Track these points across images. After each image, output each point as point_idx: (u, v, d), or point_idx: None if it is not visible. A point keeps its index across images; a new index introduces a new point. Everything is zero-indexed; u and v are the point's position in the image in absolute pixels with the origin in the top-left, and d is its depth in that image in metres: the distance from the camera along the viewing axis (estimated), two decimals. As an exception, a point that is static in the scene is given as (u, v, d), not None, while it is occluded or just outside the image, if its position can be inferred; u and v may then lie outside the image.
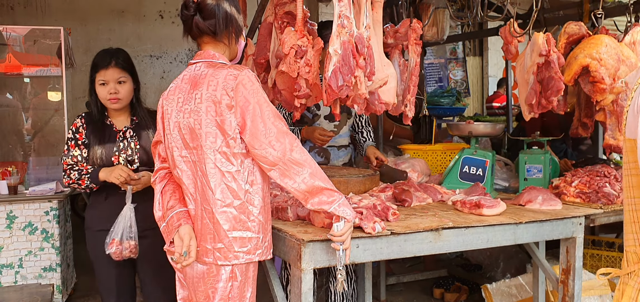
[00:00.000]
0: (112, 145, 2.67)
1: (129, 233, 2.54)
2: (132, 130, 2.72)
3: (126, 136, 2.70)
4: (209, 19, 1.99)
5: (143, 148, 2.69)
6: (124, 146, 2.68)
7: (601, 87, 2.71)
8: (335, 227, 1.92)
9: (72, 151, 2.66)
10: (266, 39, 2.75)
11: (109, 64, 2.63)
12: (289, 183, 1.91)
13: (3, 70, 4.76)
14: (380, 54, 2.52)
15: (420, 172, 3.24)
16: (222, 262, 1.96)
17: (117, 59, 2.66)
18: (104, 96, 2.65)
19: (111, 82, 2.63)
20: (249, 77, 1.93)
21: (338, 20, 2.21)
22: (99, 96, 2.67)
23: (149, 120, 2.72)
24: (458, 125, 3.28)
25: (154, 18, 8.18)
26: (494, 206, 2.47)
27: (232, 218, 1.95)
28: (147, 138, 2.70)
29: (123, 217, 2.54)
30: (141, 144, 2.69)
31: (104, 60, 2.64)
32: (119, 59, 2.66)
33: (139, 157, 2.67)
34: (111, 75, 2.63)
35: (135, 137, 2.70)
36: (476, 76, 9.62)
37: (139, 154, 2.68)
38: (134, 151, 2.68)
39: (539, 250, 3.04)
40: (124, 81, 2.66)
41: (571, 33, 2.94)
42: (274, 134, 1.90)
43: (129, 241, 2.53)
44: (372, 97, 2.47)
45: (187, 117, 1.98)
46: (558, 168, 3.31)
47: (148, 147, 2.66)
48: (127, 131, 2.71)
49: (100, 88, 2.65)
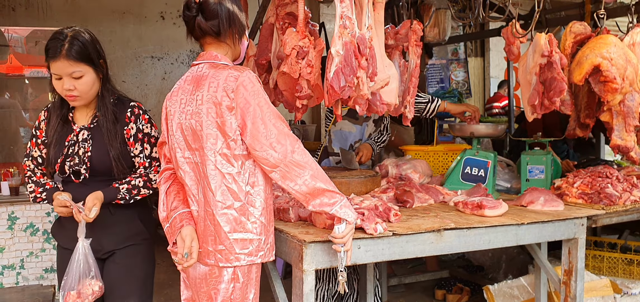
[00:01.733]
0: (60, 149, 2.22)
1: (88, 273, 2.13)
2: (88, 131, 2.24)
3: (78, 139, 2.23)
4: (211, 19, 1.98)
5: (97, 155, 2.20)
6: (71, 152, 2.20)
7: (613, 86, 2.69)
8: (337, 229, 1.92)
9: (32, 151, 2.30)
10: (267, 39, 2.75)
11: (58, 54, 2.10)
12: (290, 185, 1.90)
13: (5, 71, 4.77)
14: (382, 54, 2.51)
15: (422, 173, 3.23)
16: (223, 264, 1.96)
17: (70, 48, 2.10)
18: (60, 91, 2.18)
19: (64, 77, 2.14)
20: (249, 79, 1.92)
21: (340, 21, 2.21)
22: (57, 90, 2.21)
23: (111, 118, 2.23)
24: (460, 126, 3.28)
25: (155, 19, 8.18)
26: (495, 206, 2.46)
27: (233, 220, 1.95)
28: (106, 141, 2.22)
29: (76, 261, 2.11)
30: (95, 150, 2.21)
31: (54, 49, 2.11)
32: (72, 47, 2.11)
33: (88, 166, 2.19)
34: (62, 68, 2.12)
35: (89, 140, 2.22)
36: (478, 77, 9.60)
37: (90, 163, 2.19)
38: (82, 158, 2.19)
39: (541, 251, 3.03)
40: (80, 75, 2.15)
41: (578, 32, 2.93)
42: (275, 135, 1.89)
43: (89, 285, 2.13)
44: (373, 98, 2.47)
45: (189, 118, 1.98)
46: (560, 169, 3.30)
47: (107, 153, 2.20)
48: (82, 133, 2.24)
49: (56, 82, 2.17)
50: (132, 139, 2.28)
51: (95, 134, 2.24)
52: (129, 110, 2.30)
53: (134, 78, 8.19)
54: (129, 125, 2.28)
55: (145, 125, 2.31)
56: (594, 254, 3.78)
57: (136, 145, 2.29)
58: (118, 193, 2.24)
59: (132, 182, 2.27)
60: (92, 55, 2.18)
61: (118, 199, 2.24)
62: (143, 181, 2.28)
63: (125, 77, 8.15)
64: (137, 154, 2.30)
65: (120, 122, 2.26)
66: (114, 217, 2.28)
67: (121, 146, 2.25)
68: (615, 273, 3.70)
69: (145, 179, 2.29)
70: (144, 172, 2.31)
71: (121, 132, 2.26)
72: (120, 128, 2.26)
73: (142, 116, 2.31)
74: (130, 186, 2.27)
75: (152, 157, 2.32)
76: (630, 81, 2.74)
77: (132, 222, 2.33)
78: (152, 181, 2.29)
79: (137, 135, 2.29)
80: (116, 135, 2.24)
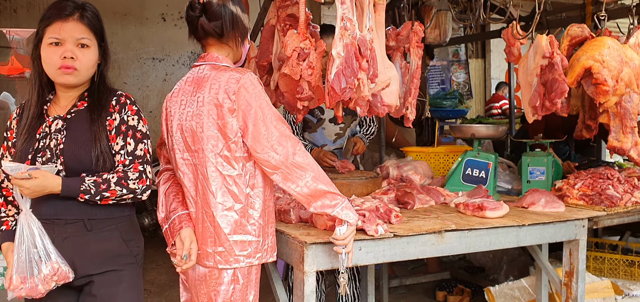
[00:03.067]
0: (30, 143, 1.88)
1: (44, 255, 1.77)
2: (63, 121, 1.89)
3: (51, 130, 1.88)
4: (214, 20, 1.98)
5: (72, 148, 1.85)
6: (42, 145, 1.86)
7: (604, 89, 2.71)
8: (338, 230, 1.92)
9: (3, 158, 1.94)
10: (269, 41, 2.75)
11: (69, 15, 1.85)
12: (291, 187, 1.91)
13: (6, 72, 4.77)
14: (383, 56, 2.51)
15: (423, 174, 3.23)
16: (222, 266, 1.96)
17: (84, 12, 1.88)
18: (53, 62, 1.84)
19: (68, 42, 1.84)
20: (251, 81, 1.92)
21: (341, 22, 2.21)
22: (45, 64, 1.87)
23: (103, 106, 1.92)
24: (461, 127, 3.28)
25: (157, 21, 8.19)
26: (496, 208, 2.46)
27: (233, 222, 1.95)
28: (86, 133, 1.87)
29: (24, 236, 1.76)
30: (69, 142, 1.86)
31: (63, 10, 1.85)
32: (85, 11, 1.89)
33: (62, 161, 1.84)
34: (69, 30, 1.84)
35: (62, 131, 1.87)
36: (479, 78, 9.60)
37: (64, 159, 1.84)
38: (54, 151, 1.85)
39: (542, 252, 3.03)
40: (87, 45, 1.88)
41: (574, 35, 2.93)
42: (276, 137, 1.89)
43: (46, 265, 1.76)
44: (374, 100, 2.47)
45: (189, 119, 1.98)
46: (561, 170, 3.30)
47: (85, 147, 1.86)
48: (55, 122, 1.89)
49: (50, 50, 1.84)
50: (113, 132, 1.92)
51: (70, 124, 1.88)
52: (115, 98, 1.95)
53: (135, 79, 8.20)
54: (113, 115, 1.93)
55: (131, 116, 1.95)
56: (595, 255, 3.78)
57: (118, 139, 1.91)
58: (81, 184, 1.82)
59: (104, 176, 1.86)
60: (102, 31, 1.94)
61: (81, 192, 1.81)
62: (117, 177, 1.87)
63: (126, 78, 8.16)
64: (118, 150, 1.91)
65: (105, 112, 1.92)
66: (90, 235, 1.88)
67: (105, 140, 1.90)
68: (616, 275, 3.70)
69: (121, 176, 1.88)
70: (122, 170, 1.90)
71: (105, 125, 1.91)
72: (105, 119, 1.92)
73: (129, 107, 1.96)
74: (100, 179, 1.84)
75: (134, 155, 1.92)
76: (626, 83, 2.74)
77: (113, 241, 1.93)
78: (130, 181, 1.88)
79: (120, 127, 1.92)
80: (102, 125, 1.89)
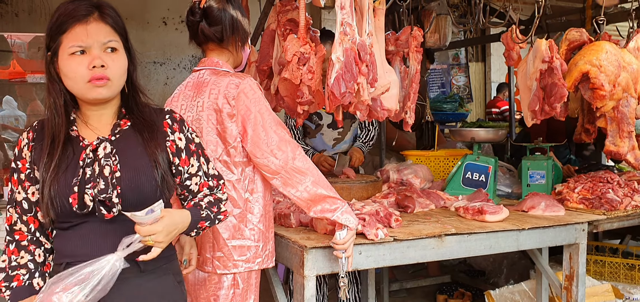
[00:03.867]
0: (72, 174, 1.46)
1: None
2: (111, 144, 1.52)
3: (97, 155, 1.50)
4: (214, 25, 1.98)
5: (130, 176, 1.49)
6: (91, 175, 1.46)
7: (601, 93, 2.71)
8: (338, 235, 1.92)
9: (15, 193, 1.52)
10: (269, 46, 2.76)
11: (87, 15, 1.48)
12: (291, 192, 1.91)
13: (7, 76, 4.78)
14: (383, 60, 2.52)
15: (423, 178, 3.24)
16: (221, 271, 1.96)
17: (104, 10, 1.51)
18: (80, 75, 1.46)
19: (95, 48, 1.46)
20: (250, 86, 1.93)
21: (340, 27, 2.22)
22: (67, 79, 1.48)
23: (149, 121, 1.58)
24: (461, 131, 3.28)
25: (158, 25, 8.21)
26: (496, 212, 2.47)
27: (232, 227, 1.96)
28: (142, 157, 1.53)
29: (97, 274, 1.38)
30: (125, 169, 1.49)
31: (80, 10, 1.48)
32: (106, 9, 1.52)
33: (119, 193, 1.46)
34: (93, 34, 1.47)
35: (114, 156, 1.50)
36: (479, 82, 9.60)
37: (121, 189, 1.47)
38: (109, 180, 1.46)
39: (542, 256, 3.03)
40: (116, 49, 1.51)
41: (572, 40, 2.94)
42: (276, 142, 1.90)
43: None
44: (374, 104, 2.48)
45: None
46: (561, 174, 3.31)
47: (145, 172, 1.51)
48: (102, 146, 1.51)
49: (74, 61, 1.46)
50: (184, 155, 1.62)
51: (121, 147, 1.52)
52: (168, 116, 1.64)
53: (136, 83, 8.21)
54: (174, 135, 1.62)
55: (193, 135, 1.67)
56: (595, 259, 3.77)
57: (191, 161, 1.63)
58: (200, 211, 1.59)
59: (206, 200, 1.63)
60: (125, 30, 1.58)
61: (201, 219, 1.59)
62: (215, 200, 1.66)
63: (127, 82, 8.18)
64: (194, 172, 1.64)
65: (160, 132, 1.59)
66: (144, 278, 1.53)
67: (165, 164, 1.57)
68: (616, 278, 3.69)
69: (217, 198, 1.67)
70: (211, 193, 1.68)
71: (164, 146, 1.58)
72: (162, 140, 1.58)
73: (187, 124, 1.68)
74: (208, 202, 1.63)
75: (212, 176, 1.70)
76: (624, 87, 2.75)
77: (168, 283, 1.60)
78: (223, 203, 1.68)
79: (189, 147, 1.63)
80: (159, 146, 1.56)
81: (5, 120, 5.09)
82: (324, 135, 3.45)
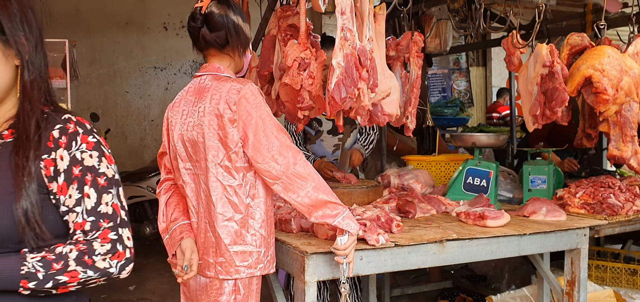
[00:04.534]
0: None
1: None
2: None
3: None
4: (216, 31, 1.99)
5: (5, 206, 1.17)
6: None
7: (604, 98, 2.71)
8: (339, 240, 1.92)
9: None
10: (270, 51, 2.76)
11: None
12: (292, 197, 1.91)
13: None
14: (383, 66, 2.52)
15: (424, 183, 3.23)
16: (223, 277, 1.96)
17: None
18: None
19: None
20: (252, 91, 1.93)
21: (341, 33, 2.22)
22: None
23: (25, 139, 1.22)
24: (461, 136, 3.28)
25: (158, 30, 8.23)
26: (498, 217, 2.46)
27: (234, 232, 1.95)
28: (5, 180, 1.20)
29: None
30: None
31: None
32: None
33: None
34: None
35: None
36: (480, 86, 9.62)
37: None
38: None
39: (543, 261, 3.02)
40: None
41: (574, 44, 2.94)
42: (277, 147, 1.90)
43: None
44: (375, 109, 2.48)
45: (191, 130, 1.98)
46: (562, 179, 3.30)
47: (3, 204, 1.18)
48: None
49: None
50: (62, 179, 1.24)
51: None
52: (59, 127, 1.26)
53: (137, 88, 8.23)
54: (57, 153, 1.24)
55: (87, 153, 1.26)
56: (597, 264, 3.76)
57: (70, 190, 1.24)
58: (22, 263, 1.17)
59: (57, 250, 1.20)
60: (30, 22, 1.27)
61: (22, 278, 1.16)
62: (77, 252, 1.20)
63: (128, 87, 8.19)
64: (71, 206, 1.24)
65: (42, 147, 1.24)
66: None
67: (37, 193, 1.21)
68: (618, 283, 3.68)
69: (82, 248, 1.21)
70: (84, 240, 1.23)
71: (37, 167, 1.22)
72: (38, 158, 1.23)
73: (83, 137, 1.27)
74: (52, 257, 1.19)
75: (99, 214, 1.25)
76: (626, 92, 2.74)
77: None
78: (97, 256, 1.21)
79: (71, 170, 1.24)
80: (29, 168, 1.21)
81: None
82: (324, 142, 3.45)
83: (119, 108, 8.17)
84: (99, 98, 8.02)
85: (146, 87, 8.27)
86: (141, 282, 5.28)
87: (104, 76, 8.04)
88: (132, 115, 8.24)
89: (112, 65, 8.06)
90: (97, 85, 8.00)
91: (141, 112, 8.26)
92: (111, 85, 8.09)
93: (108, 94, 8.09)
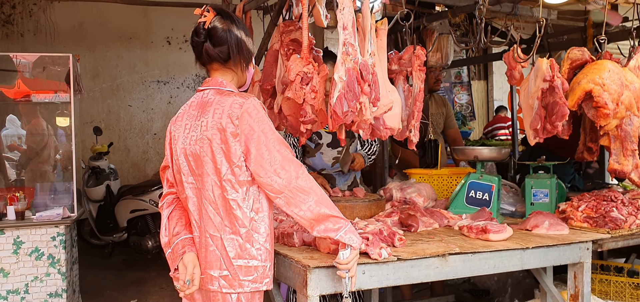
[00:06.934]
0: None
1: None
2: None
3: None
4: (219, 45, 2.00)
5: None
6: None
7: (604, 112, 2.72)
8: (341, 255, 1.92)
9: None
10: (272, 65, 2.78)
11: None
12: (294, 211, 1.91)
13: (12, 95, 4.82)
14: (385, 80, 2.54)
15: (426, 196, 3.23)
16: (227, 290, 1.96)
17: None
18: None
19: None
20: (254, 106, 1.94)
21: (343, 47, 2.24)
22: None
23: None
24: (464, 149, 3.28)
25: (162, 44, 8.28)
26: (500, 231, 2.46)
27: (238, 246, 1.95)
28: None
29: None
30: None
31: None
32: None
33: None
34: None
35: None
36: (481, 100, 9.63)
37: None
38: None
39: (546, 275, 3.01)
40: None
41: (574, 58, 2.95)
42: (279, 161, 1.90)
43: None
44: (377, 123, 2.48)
45: (193, 144, 1.99)
46: (564, 192, 3.29)
47: None
48: None
49: None
50: None
51: None
52: None
53: (140, 102, 8.26)
54: None
55: None
56: (600, 278, 3.74)
57: None
58: None
59: None
60: None
61: None
62: None
63: (131, 101, 8.23)
64: None
65: None
66: None
67: None
68: (622, 298, 3.66)
69: None
70: None
71: None
72: None
73: None
74: None
75: None
76: (627, 106, 2.75)
77: None
78: None
79: None
80: None
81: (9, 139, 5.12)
82: (324, 155, 3.46)
83: (122, 122, 8.20)
84: (102, 111, 8.05)
85: (149, 101, 8.30)
86: (143, 296, 5.27)
87: (107, 90, 8.08)
88: (135, 129, 8.26)
89: (116, 79, 8.11)
90: (100, 98, 8.03)
91: (144, 125, 8.29)
92: (114, 98, 8.13)
93: (111, 108, 8.13)
